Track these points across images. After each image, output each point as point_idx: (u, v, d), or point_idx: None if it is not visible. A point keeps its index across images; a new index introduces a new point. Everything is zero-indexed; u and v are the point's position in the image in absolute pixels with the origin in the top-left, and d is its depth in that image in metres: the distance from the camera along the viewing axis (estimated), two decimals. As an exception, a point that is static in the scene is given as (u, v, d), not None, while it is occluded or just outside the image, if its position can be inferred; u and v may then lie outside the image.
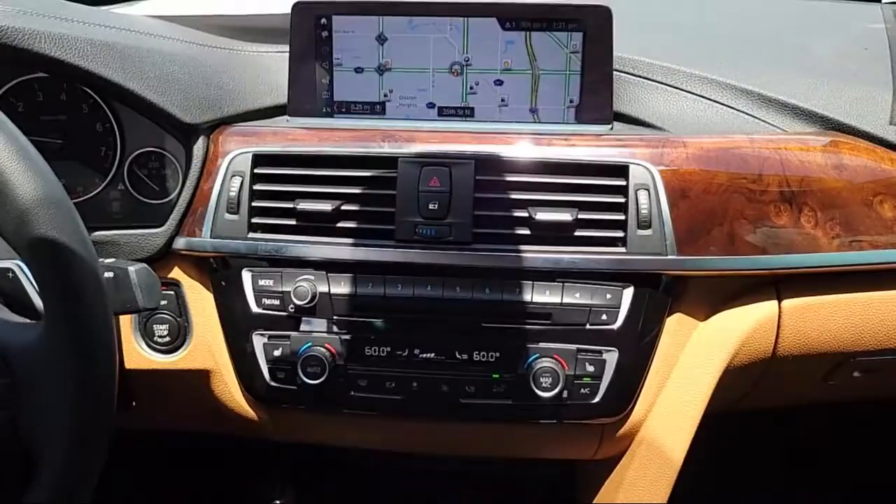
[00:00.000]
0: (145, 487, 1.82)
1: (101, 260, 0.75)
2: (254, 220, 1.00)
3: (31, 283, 0.80)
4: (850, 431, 1.78)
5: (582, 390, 1.00)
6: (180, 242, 1.02)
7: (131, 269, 0.81)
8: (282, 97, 1.08)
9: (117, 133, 1.02)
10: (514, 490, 1.32)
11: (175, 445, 1.79)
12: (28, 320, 0.77)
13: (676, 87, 1.11)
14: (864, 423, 1.73)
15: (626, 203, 0.97)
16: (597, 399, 1.00)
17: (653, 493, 1.08)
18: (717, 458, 1.36)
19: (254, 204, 1.00)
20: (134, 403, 1.10)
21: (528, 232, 0.97)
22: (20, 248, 0.68)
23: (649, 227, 0.96)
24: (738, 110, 1.08)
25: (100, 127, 1.03)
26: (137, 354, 1.04)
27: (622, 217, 0.97)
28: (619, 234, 0.97)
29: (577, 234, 0.97)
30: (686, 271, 0.98)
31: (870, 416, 1.61)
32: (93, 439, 0.70)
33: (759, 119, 1.07)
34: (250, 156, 1.00)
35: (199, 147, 1.01)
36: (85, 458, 0.71)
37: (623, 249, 0.97)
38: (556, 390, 0.98)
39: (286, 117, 1.07)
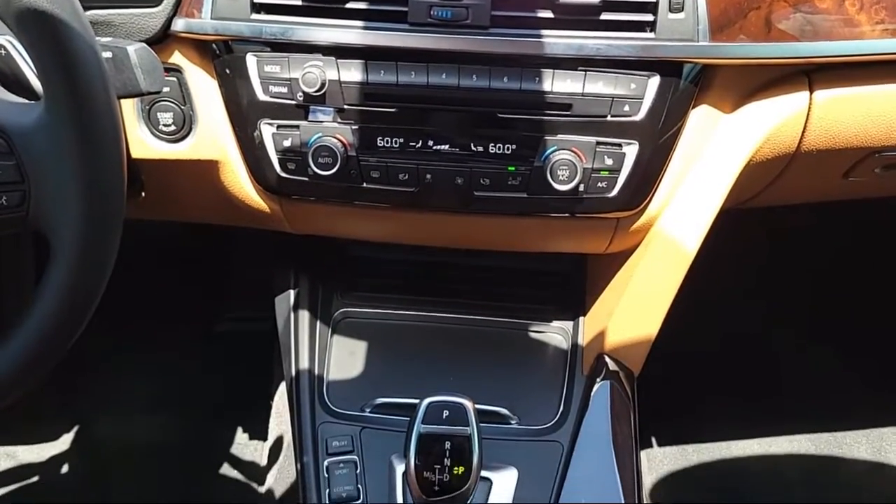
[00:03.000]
0: (158, 277, 1.87)
1: (97, 39, 0.70)
2: (256, 0, 0.93)
3: (26, 60, 0.76)
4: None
5: (599, 184, 0.98)
6: (179, 24, 0.95)
7: (130, 48, 0.76)
8: None
9: None
10: (521, 284, 1.34)
11: (188, 237, 1.82)
12: (26, 100, 0.73)
13: None
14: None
15: (658, -18, 0.90)
16: (613, 193, 0.99)
17: (663, 286, 1.10)
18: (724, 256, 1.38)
19: None
20: (143, 194, 1.08)
21: (550, 15, 0.91)
22: (9, 18, 0.63)
23: (681, 9, 0.90)
24: None
25: None
26: (143, 144, 1.01)
27: (653, -2, 0.90)
28: (649, 17, 0.91)
29: (602, 17, 0.91)
30: (717, 59, 0.93)
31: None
32: (105, 221, 0.69)
33: None
34: None
35: None
36: (99, 240, 0.70)
37: (651, 35, 0.91)
38: (573, 184, 0.96)
39: None
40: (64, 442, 1.77)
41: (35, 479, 1.72)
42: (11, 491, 1.69)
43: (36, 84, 0.76)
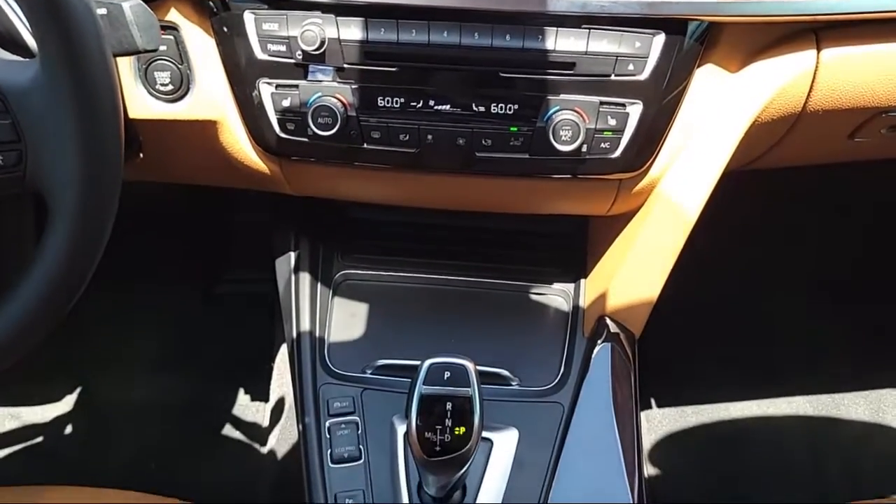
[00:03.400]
0: (159, 239, 1.87)
1: (91, -5, 0.68)
2: None
3: (20, 17, 0.74)
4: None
5: (602, 144, 0.97)
6: (175, -20, 0.94)
7: (126, 5, 0.75)
8: None
9: None
10: (522, 246, 1.34)
11: (188, 199, 1.81)
12: (21, 58, 0.72)
13: None
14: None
15: (665, -63, 0.88)
16: (616, 154, 0.98)
17: (665, 248, 1.09)
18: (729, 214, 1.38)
19: None
20: (142, 155, 1.07)
21: None
22: None
23: None
24: None
25: None
26: (140, 103, 1.00)
27: (659, -47, 0.88)
28: (654, -27, 0.89)
29: None
30: (724, 16, 0.91)
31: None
32: (104, 181, 0.69)
33: None
34: None
35: None
36: (98, 201, 0.69)
37: (657, -9, 0.90)
38: (576, 144, 0.95)
39: None
40: (66, 403, 1.78)
41: (39, 439, 1.73)
42: (16, 450, 1.71)
43: (30, 42, 0.75)
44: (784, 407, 1.79)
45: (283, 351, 1.67)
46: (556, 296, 1.27)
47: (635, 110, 0.95)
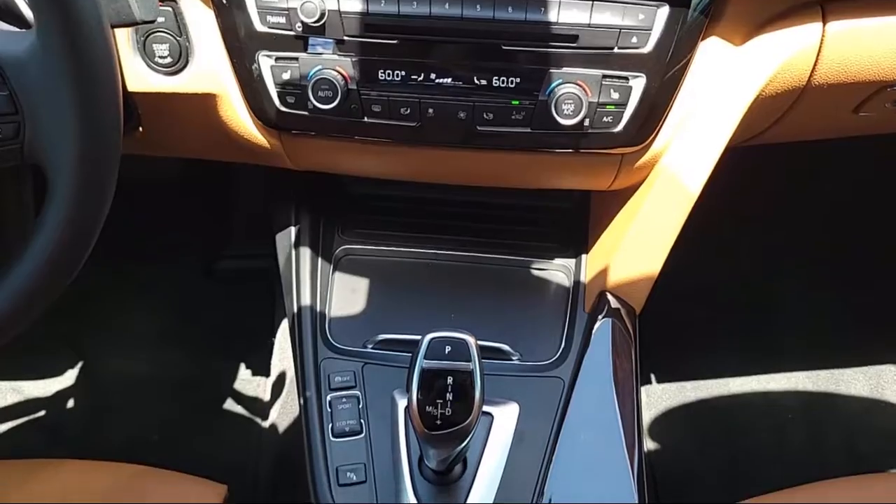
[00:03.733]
0: (159, 214, 1.86)
1: (88, -35, 0.67)
2: None
3: (15, -14, 0.73)
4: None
5: (605, 118, 0.96)
6: (173, -50, 0.93)
7: (123, -25, 0.74)
8: None
9: None
10: (523, 222, 1.33)
11: (188, 174, 1.80)
12: (17, 28, 0.71)
13: None
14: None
15: None
16: (619, 128, 0.97)
17: (666, 223, 1.09)
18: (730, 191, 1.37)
19: None
20: (140, 129, 1.07)
21: None
22: None
23: None
24: None
25: None
26: (139, 76, 0.99)
27: (663, -77, 0.87)
28: (659, -56, 0.88)
29: None
30: (728, -12, 0.90)
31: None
32: (102, 154, 0.68)
33: None
34: None
35: None
36: (96, 175, 0.69)
37: (661, -38, 0.88)
38: (578, 118, 0.94)
39: None
40: (69, 377, 1.79)
41: (40, 413, 1.74)
42: (17, 424, 1.72)
43: (27, 12, 0.74)
44: (783, 382, 1.80)
45: (285, 326, 1.67)
46: (557, 271, 1.27)
47: (638, 84, 0.95)
